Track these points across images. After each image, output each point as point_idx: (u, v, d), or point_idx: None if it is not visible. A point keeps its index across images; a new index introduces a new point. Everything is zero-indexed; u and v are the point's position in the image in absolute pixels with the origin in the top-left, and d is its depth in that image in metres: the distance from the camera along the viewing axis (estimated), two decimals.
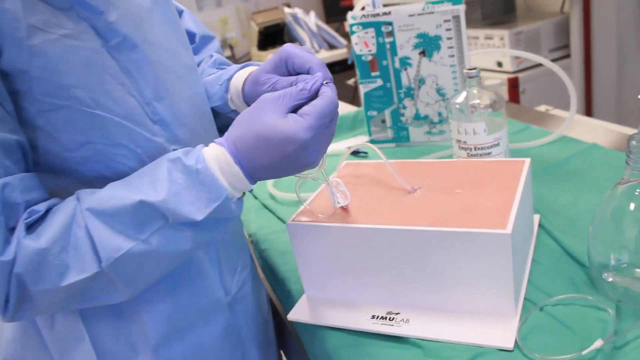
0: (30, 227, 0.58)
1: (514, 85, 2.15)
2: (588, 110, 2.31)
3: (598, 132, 1.19)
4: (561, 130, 1.15)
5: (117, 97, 0.65)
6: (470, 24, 2.55)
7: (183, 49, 0.78)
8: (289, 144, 0.60)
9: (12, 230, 0.57)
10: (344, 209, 0.75)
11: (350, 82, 2.43)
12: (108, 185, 0.62)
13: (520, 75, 2.19)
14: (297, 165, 0.63)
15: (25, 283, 0.57)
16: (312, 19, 3.46)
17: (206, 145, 0.64)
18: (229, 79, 0.82)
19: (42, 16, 0.59)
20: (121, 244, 0.59)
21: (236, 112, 0.83)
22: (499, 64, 2.26)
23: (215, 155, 0.61)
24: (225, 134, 0.64)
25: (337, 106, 0.64)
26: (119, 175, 0.65)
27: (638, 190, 0.64)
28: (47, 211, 0.60)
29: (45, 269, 0.57)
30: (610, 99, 2.26)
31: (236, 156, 0.62)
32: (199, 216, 0.60)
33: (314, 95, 0.63)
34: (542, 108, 1.53)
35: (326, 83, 0.64)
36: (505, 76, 2.19)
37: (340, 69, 3.35)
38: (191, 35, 0.94)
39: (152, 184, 0.60)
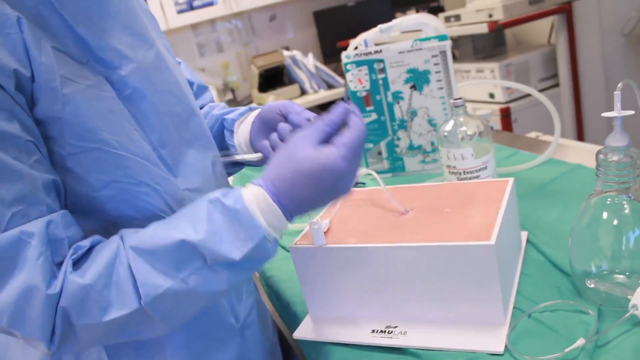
0: (76, 263, 0.62)
1: (506, 115, 2.23)
2: (580, 136, 2.38)
3: (585, 154, 1.25)
4: (547, 154, 1.21)
5: (135, 139, 0.71)
6: (463, 58, 2.65)
7: (188, 94, 0.85)
8: (327, 174, 0.64)
9: (58, 265, 0.61)
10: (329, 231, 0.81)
11: None
12: (151, 225, 0.66)
13: (511, 105, 2.27)
14: (333, 196, 0.67)
15: (69, 317, 0.60)
16: (311, 61, 3.57)
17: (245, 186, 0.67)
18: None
19: (71, 69, 0.66)
20: (161, 282, 0.62)
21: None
22: (491, 95, 2.34)
23: (253, 195, 0.65)
24: (263, 175, 0.67)
25: (366, 134, 0.68)
26: (141, 213, 0.70)
27: (609, 200, 0.69)
28: (92, 247, 0.64)
29: (88, 304, 0.60)
30: (600, 123, 2.33)
31: (275, 194, 0.65)
32: (237, 255, 0.63)
33: (340, 125, 0.67)
34: (533, 135, 1.60)
35: (353, 113, 0.68)
36: (498, 107, 2.27)
37: None
38: (190, 84, 1.01)
39: (192, 224, 0.63)
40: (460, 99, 1.01)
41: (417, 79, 1.25)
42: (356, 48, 1.30)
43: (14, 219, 0.59)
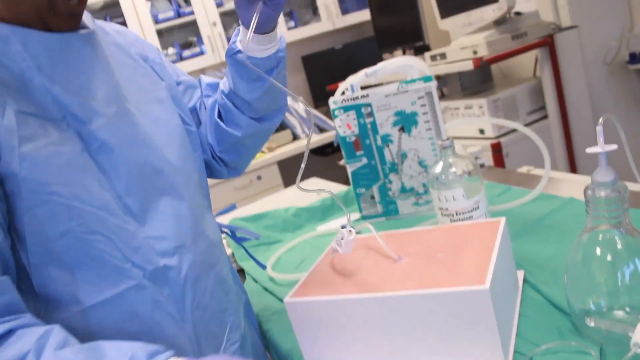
0: None
1: (497, 150, 2.24)
2: (572, 167, 2.39)
3: (578, 186, 1.25)
4: (538, 189, 1.21)
5: (93, 190, 0.76)
6: (451, 95, 2.67)
7: (169, 143, 0.89)
8: None
9: None
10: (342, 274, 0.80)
11: (342, 162, 2.51)
12: (73, 349, 0.65)
13: (502, 139, 2.27)
14: None
15: None
16: (301, 105, 3.60)
17: None
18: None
19: (33, 129, 0.74)
20: None
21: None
22: (481, 131, 2.36)
23: None
24: None
25: None
26: (97, 262, 0.75)
27: (601, 236, 0.69)
28: (11, 331, 0.64)
29: None
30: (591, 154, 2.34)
31: None
32: None
33: None
34: (525, 169, 1.60)
35: None
36: (488, 142, 2.28)
37: (331, 150, 3.46)
38: (177, 84, 1.05)
39: None
40: (448, 139, 1.01)
41: (405, 121, 1.25)
42: (343, 93, 1.32)
43: None
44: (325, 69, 3.80)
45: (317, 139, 3.42)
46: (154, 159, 0.85)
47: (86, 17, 0.89)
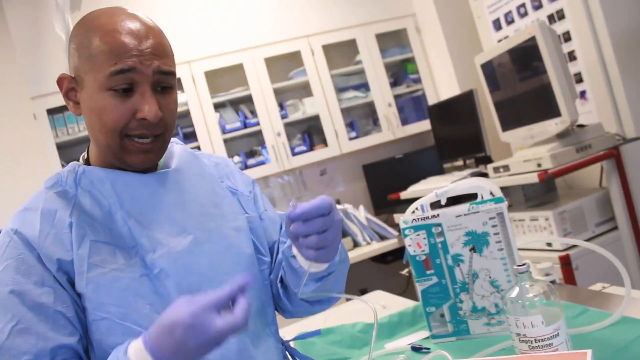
0: None
1: (566, 263, 2.18)
2: None
3: None
4: (620, 312, 1.17)
5: (143, 313, 0.93)
6: (515, 207, 2.66)
7: (232, 269, 1.02)
8: (175, 327, 0.76)
9: None
10: None
11: (404, 272, 2.51)
12: None
13: (570, 252, 2.22)
14: (192, 350, 0.77)
15: None
16: (362, 213, 3.64)
17: None
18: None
19: (102, 256, 0.93)
20: None
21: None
22: (549, 244, 2.32)
23: (135, 344, 0.81)
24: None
25: (228, 300, 0.79)
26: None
27: None
28: None
29: None
30: None
31: (147, 343, 0.79)
32: None
33: (228, 298, 0.79)
34: (598, 286, 1.55)
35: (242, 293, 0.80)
36: (556, 254, 2.23)
37: (392, 259, 3.45)
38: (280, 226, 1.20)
39: None
40: (524, 264, 1.01)
41: (476, 242, 1.26)
42: (413, 212, 1.34)
43: None
44: (385, 177, 3.86)
45: (378, 247, 3.42)
46: (208, 286, 0.93)
47: (175, 153, 1.06)
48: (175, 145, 1.12)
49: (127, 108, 0.93)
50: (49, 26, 3.04)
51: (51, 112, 3.34)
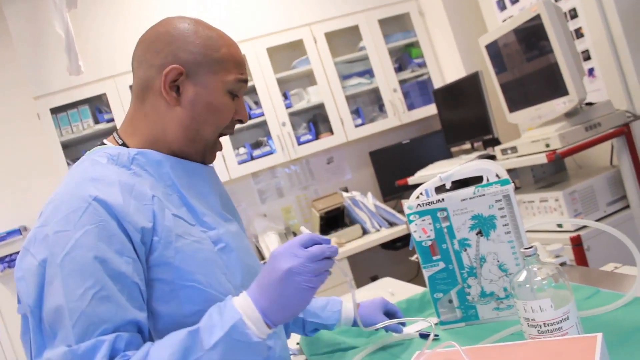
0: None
1: (577, 244, 2.15)
2: None
3: None
4: (632, 292, 1.14)
5: (221, 281, 1.01)
6: (524, 188, 2.62)
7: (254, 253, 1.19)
8: (277, 263, 0.90)
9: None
10: None
11: (413, 258, 2.48)
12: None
13: (581, 233, 2.18)
14: (292, 290, 0.89)
15: None
16: (370, 200, 3.61)
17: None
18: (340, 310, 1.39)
19: (183, 228, 1.00)
20: None
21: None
22: (559, 225, 2.28)
23: (242, 299, 0.92)
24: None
25: (321, 256, 0.92)
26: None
27: None
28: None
29: None
30: None
31: (251, 291, 0.92)
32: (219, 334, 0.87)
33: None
34: (610, 267, 1.52)
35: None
36: (567, 235, 2.20)
37: (402, 245, 3.42)
38: None
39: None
40: (531, 247, 0.98)
41: (483, 225, 1.23)
42: (418, 197, 1.31)
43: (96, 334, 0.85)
44: (393, 163, 3.82)
45: (387, 233, 3.40)
46: (254, 262, 1.14)
47: None
48: None
49: (234, 110, 1.11)
50: (49, 26, 3.02)
51: (55, 111, 3.33)
